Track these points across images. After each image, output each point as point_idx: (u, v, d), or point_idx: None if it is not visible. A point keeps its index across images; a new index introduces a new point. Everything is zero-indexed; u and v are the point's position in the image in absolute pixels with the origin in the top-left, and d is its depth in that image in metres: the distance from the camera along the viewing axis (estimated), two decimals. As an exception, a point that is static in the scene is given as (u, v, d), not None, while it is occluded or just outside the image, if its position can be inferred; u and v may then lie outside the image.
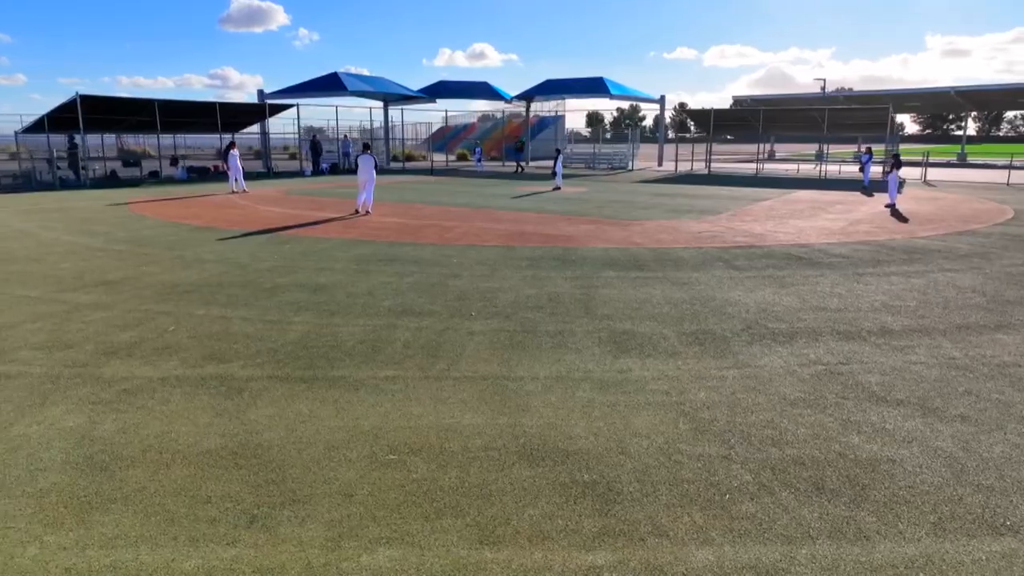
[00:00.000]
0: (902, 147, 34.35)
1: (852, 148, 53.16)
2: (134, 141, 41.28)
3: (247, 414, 4.91)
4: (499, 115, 55.74)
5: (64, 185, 25.60)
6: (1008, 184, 27.65)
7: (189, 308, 7.81)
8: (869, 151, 26.27)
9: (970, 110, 66.30)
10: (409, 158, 46.25)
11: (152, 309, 7.77)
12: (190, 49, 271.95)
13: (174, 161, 32.66)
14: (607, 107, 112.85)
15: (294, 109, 35.39)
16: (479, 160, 40.46)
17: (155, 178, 29.75)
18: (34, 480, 3.96)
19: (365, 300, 8.19)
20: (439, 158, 48.45)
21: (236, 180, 22.98)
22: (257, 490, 3.86)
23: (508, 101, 45.94)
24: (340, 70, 38.87)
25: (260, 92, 39.80)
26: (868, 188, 25.32)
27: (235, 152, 23.52)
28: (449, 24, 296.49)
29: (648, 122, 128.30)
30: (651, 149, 51.01)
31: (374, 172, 17.24)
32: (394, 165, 41.98)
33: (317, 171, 33.65)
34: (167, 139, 38.46)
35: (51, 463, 4.17)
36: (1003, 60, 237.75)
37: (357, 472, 4.06)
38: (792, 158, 47.42)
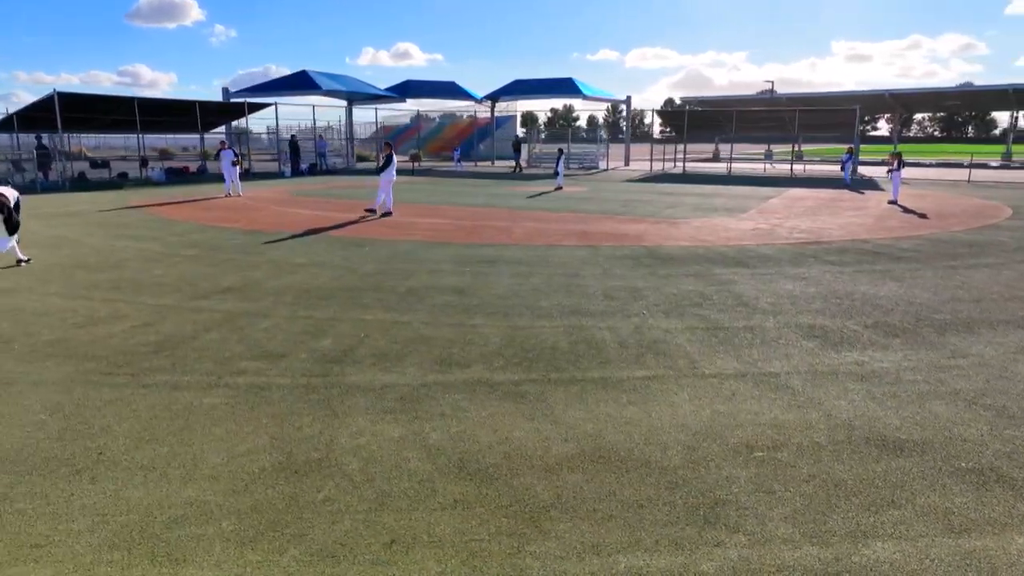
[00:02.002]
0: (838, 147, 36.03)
1: (801, 147, 55.51)
2: (75, 142, 39.06)
3: (568, 415, 4.85)
4: (434, 116, 54.58)
5: (42, 187, 24.11)
6: (969, 181, 29.32)
7: (351, 314, 7.60)
8: (851, 151, 27.45)
9: (900, 111, 69.99)
10: (360, 158, 45.39)
11: (315, 316, 7.52)
12: (96, 45, 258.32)
13: (144, 162, 31.26)
14: (541, 107, 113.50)
15: (271, 108, 34.33)
16: (459, 161, 40.16)
17: (125, 179, 28.34)
18: (432, 494, 3.84)
19: (519, 302, 8.14)
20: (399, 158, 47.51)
21: (233, 182, 22.11)
22: (674, 490, 3.86)
23: (479, 101, 45.79)
24: (310, 68, 37.98)
25: (225, 90, 38.55)
26: (851, 186, 26.55)
27: (227, 152, 22.64)
28: (372, 23, 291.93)
29: (583, 123, 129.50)
30: (615, 149, 51.67)
31: (394, 172, 16.95)
32: (358, 166, 41.18)
33: (296, 172, 32.75)
34: (117, 139, 36.75)
35: (430, 473, 4.04)
36: (900, 65, 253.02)
37: (751, 471, 4.09)
38: (737, 157, 48.96)
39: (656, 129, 49.09)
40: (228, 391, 5.31)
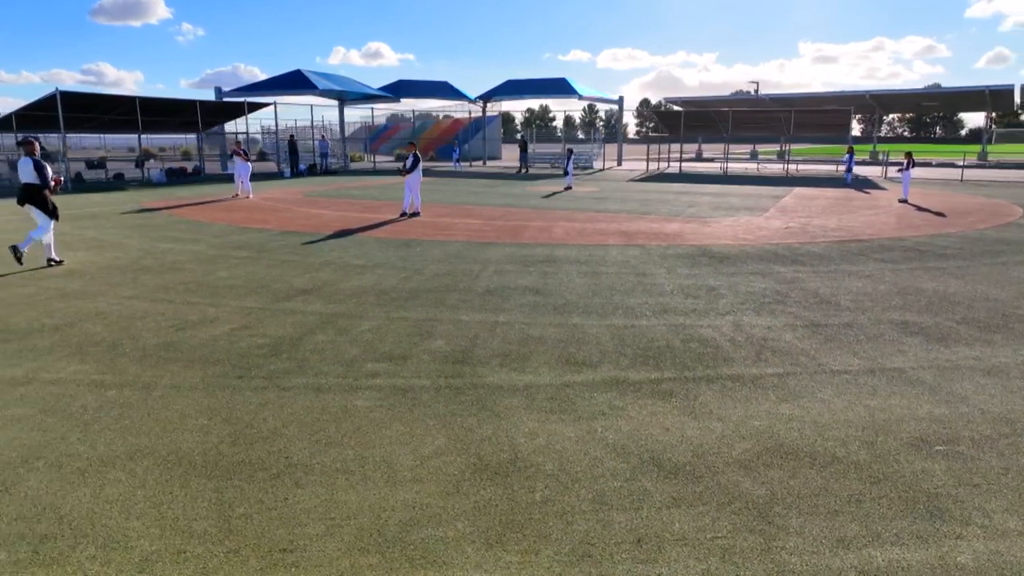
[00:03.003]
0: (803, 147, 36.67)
1: (777, 147, 56.28)
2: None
3: (729, 412, 4.91)
4: (409, 115, 53.67)
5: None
6: (961, 180, 29.96)
7: (444, 314, 7.60)
8: (851, 151, 27.92)
9: (879, 112, 71.22)
10: (351, 160, 44.94)
11: (410, 316, 7.49)
12: (58, 43, 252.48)
13: (140, 163, 30.75)
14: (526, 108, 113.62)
15: (259, 108, 33.87)
16: (457, 161, 40.03)
17: (122, 180, 27.82)
18: (647, 493, 3.86)
19: (603, 301, 8.20)
20: (381, 158, 47.16)
21: (243, 183, 21.80)
22: (879, 484, 3.92)
23: (472, 101, 45.68)
24: (304, 68, 37.62)
25: (217, 90, 38.05)
26: (851, 185, 27.03)
27: (241, 153, 22.34)
28: (343, 22, 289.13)
29: (559, 123, 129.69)
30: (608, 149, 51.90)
31: (420, 172, 16.91)
32: (352, 166, 40.87)
33: (295, 172, 32.42)
34: (93, 139, 36.21)
35: (630, 471, 4.06)
36: (865, 67, 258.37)
37: (941, 465, 4.16)
38: (721, 157, 49.47)
39: (631, 129, 49.42)
40: (374, 393, 5.27)
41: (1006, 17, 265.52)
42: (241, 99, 32.57)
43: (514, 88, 44.83)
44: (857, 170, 34.02)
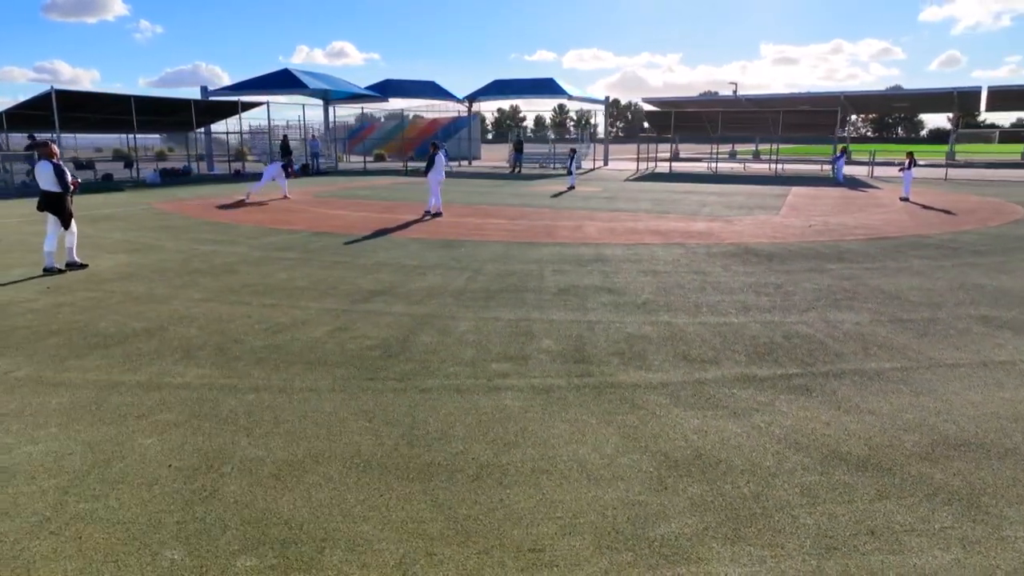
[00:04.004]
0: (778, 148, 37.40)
1: (752, 147, 57.27)
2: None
3: (876, 406, 5.01)
4: (379, 115, 53.14)
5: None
6: (946, 179, 30.74)
7: (533, 314, 7.61)
8: (844, 151, 28.52)
9: (852, 113, 72.83)
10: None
11: (501, 317, 7.50)
12: (10, 40, 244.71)
13: (128, 163, 30.13)
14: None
15: (263, 107, 33.42)
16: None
17: (111, 181, 27.16)
18: (853, 486, 3.94)
19: (681, 298, 8.29)
20: (356, 158, 46.67)
21: (259, 185, 21.38)
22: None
23: (460, 101, 45.57)
24: (290, 66, 37.24)
25: (204, 88, 37.43)
26: (844, 184, 27.61)
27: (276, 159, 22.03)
28: (306, 21, 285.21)
29: (530, 123, 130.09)
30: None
31: (442, 172, 16.85)
32: (340, 167, 40.50)
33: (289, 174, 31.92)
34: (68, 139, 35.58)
35: (819, 465, 4.14)
36: (825, 68, 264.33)
37: None
38: (698, 157, 50.22)
39: (601, 130, 49.77)
40: (516, 393, 5.28)
41: (957, 21, 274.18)
42: (235, 98, 32.04)
43: (501, 88, 44.83)
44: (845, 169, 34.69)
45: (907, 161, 20.98)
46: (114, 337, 6.61)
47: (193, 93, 32.73)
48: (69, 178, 9.83)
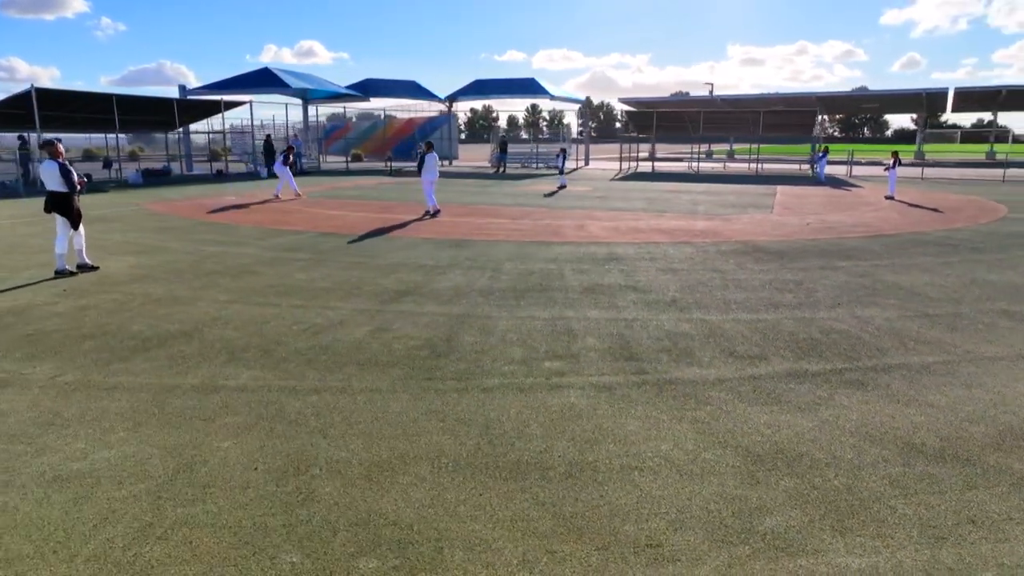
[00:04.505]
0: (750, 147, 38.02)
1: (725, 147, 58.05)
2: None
3: (935, 399, 5.11)
4: (347, 113, 52.44)
5: (13, 192, 22.35)
6: (922, 178, 31.43)
7: (566, 312, 7.65)
8: (826, 150, 29.02)
9: (823, 112, 74.02)
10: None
11: (537, 315, 7.52)
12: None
13: (108, 163, 29.53)
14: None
15: (246, 106, 32.96)
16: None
17: (91, 180, 26.53)
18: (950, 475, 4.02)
19: (706, 296, 8.37)
20: (333, 159, 46.20)
21: (286, 183, 21.19)
22: None
23: (442, 101, 45.41)
24: (270, 64, 36.78)
25: (182, 87, 36.86)
26: (825, 183, 28.11)
27: (285, 153, 21.86)
28: (274, 19, 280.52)
29: (503, 123, 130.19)
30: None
31: (434, 172, 16.79)
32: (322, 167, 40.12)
33: (272, 174, 31.56)
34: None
35: (902, 455, 4.22)
36: (790, 70, 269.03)
37: None
38: (671, 157, 50.70)
39: (575, 130, 49.96)
40: (579, 391, 5.31)
41: (917, 24, 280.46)
42: (217, 97, 31.58)
43: (482, 88, 44.82)
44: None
45: (892, 160, 21.40)
46: (151, 340, 6.48)
47: (159, 91, 32.35)
48: (76, 177, 9.59)
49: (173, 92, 34.53)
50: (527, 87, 43.19)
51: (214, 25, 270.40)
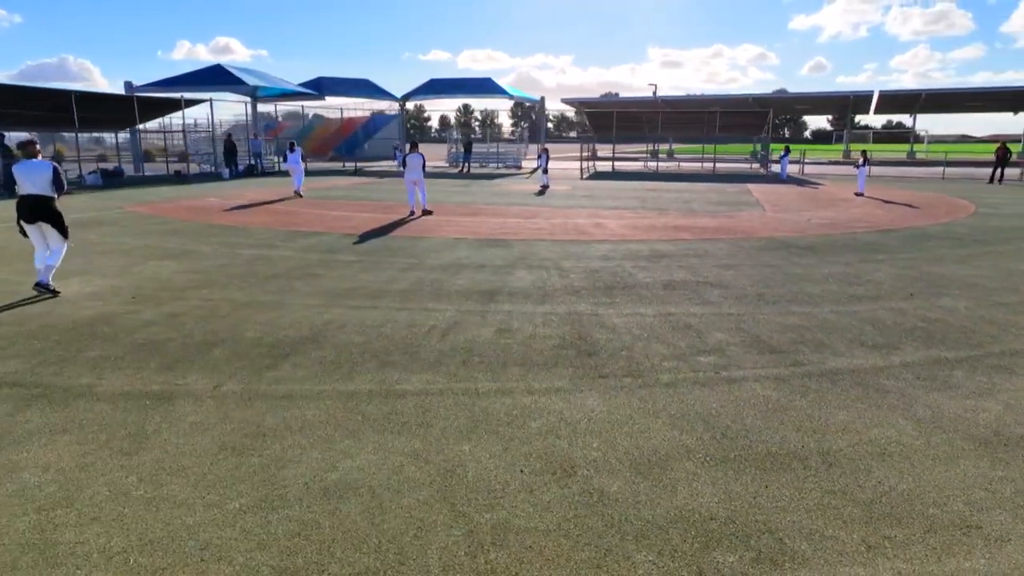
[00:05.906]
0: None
1: (682, 146, 59.50)
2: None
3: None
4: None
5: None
6: (869, 175, 33.02)
7: (670, 308, 7.76)
8: (787, 149, 30.22)
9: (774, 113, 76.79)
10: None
11: (641, 311, 7.61)
12: None
13: (59, 163, 27.85)
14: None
15: (207, 104, 31.69)
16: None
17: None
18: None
19: (772, 291, 8.60)
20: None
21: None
22: None
23: (397, 100, 44.85)
24: (224, 62, 35.55)
25: (128, 84, 35.29)
26: (786, 180, 29.28)
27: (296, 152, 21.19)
28: (186, 14, 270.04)
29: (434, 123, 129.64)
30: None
31: (417, 172, 16.61)
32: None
33: (234, 174, 30.60)
34: None
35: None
36: (707, 72, 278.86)
37: None
38: (621, 156, 51.54)
39: (507, 129, 50.31)
40: (759, 384, 5.41)
41: (823, 30, 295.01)
42: (172, 94, 30.28)
43: (437, 88, 44.46)
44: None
45: (861, 159, 22.45)
46: (280, 347, 6.24)
47: (65, 88, 30.26)
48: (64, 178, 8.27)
49: (77, 87, 32.88)
50: (483, 87, 43.15)
51: (120, 19, 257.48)
